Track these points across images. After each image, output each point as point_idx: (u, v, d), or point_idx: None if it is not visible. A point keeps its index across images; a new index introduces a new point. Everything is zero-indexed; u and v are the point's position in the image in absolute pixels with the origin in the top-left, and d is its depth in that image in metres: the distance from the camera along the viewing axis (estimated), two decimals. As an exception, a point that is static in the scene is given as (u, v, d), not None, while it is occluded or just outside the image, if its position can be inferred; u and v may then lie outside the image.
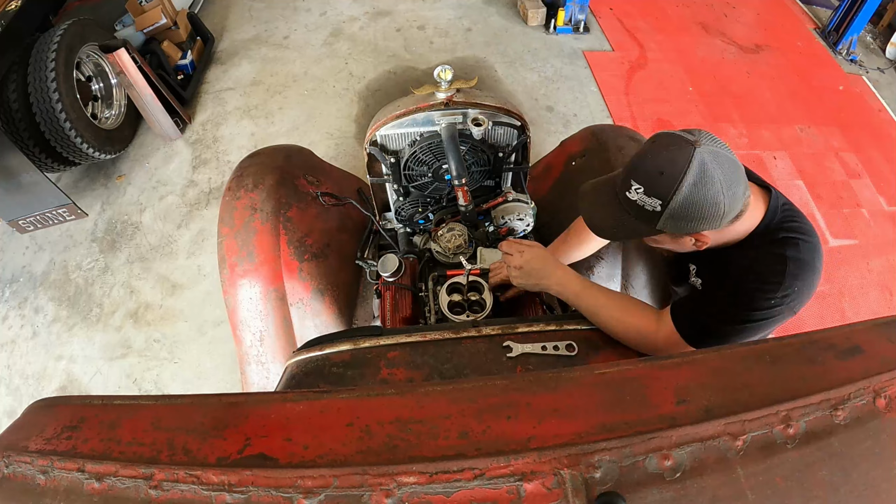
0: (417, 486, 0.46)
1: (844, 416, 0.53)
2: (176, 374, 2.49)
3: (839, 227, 3.13)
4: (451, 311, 1.43)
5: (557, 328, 1.15)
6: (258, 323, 1.56)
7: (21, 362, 2.60)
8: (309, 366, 1.11)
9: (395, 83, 3.75)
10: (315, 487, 0.47)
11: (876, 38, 4.54)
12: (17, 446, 0.57)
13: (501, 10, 4.40)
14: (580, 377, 0.61)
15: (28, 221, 2.71)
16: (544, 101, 3.66)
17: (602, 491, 0.46)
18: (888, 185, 3.40)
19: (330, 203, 1.74)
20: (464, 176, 1.61)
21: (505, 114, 1.66)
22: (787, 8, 4.79)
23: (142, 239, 2.98)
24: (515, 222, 1.71)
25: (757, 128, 3.59)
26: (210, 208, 3.06)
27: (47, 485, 0.52)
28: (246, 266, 1.54)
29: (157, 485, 0.49)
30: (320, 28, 4.24)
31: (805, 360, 0.62)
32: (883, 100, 3.97)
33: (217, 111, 3.62)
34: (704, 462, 0.48)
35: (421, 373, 1.05)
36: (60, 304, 2.77)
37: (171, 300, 2.73)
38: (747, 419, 0.51)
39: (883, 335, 0.66)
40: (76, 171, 3.30)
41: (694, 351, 0.76)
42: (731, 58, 4.15)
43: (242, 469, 0.49)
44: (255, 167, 1.69)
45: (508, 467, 0.47)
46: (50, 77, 2.63)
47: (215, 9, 4.45)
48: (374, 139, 1.71)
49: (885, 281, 2.93)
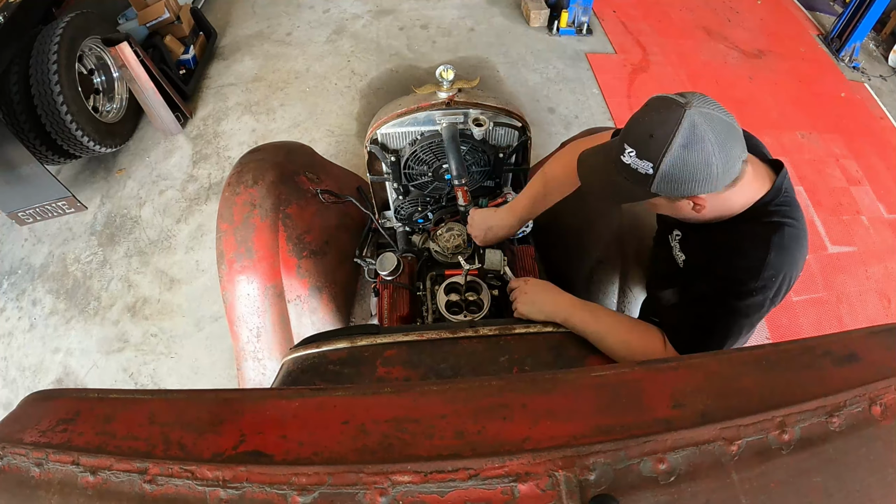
0: (412, 486, 0.46)
1: (840, 423, 0.53)
2: (172, 369, 2.49)
3: (838, 234, 3.13)
4: (448, 310, 1.42)
5: (555, 329, 1.15)
6: (255, 319, 1.55)
7: (18, 354, 2.60)
8: (305, 363, 1.11)
9: (397, 82, 3.75)
10: (309, 485, 0.47)
11: (879, 46, 4.54)
12: (13, 438, 0.57)
13: (505, 11, 4.40)
14: (576, 379, 0.61)
15: (27, 213, 2.71)
16: (546, 103, 3.66)
17: (596, 493, 0.46)
18: (888, 192, 3.40)
19: (329, 201, 1.74)
20: (464, 176, 1.61)
21: (506, 114, 1.66)
22: (791, 14, 4.79)
23: (141, 233, 2.98)
24: (515, 223, 1.71)
25: (758, 133, 3.50)
26: (210, 203, 3.06)
27: (42, 477, 0.52)
28: (244, 262, 1.54)
29: (151, 479, 0.49)
30: (323, 25, 4.24)
31: (801, 367, 0.62)
32: (885, 107, 3.97)
33: (218, 106, 3.62)
34: (699, 466, 0.48)
35: (417, 372, 1.05)
36: (58, 297, 2.77)
37: (169, 295, 2.73)
38: (742, 424, 0.51)
39: (880, 343, 0.66)
40: (76, 163, 3.29)
41: (690, 355, 0.76)
42: (733, 62, 4.15)
43: (237, 465, 0.49)
44: (256, 163, 1.68)
45: (503, 468, 0.47)
46: (52, 69, 2.62)
47: (218, 4, 4.45)
48: (375, 137, 1.71)
49: (884, 288, 2.93)
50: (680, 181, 0.90)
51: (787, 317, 2.75)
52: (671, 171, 0.88)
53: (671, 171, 0.88)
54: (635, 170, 0.92)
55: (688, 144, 0.86)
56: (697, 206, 0.96)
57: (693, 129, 0.85)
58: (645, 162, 0.90)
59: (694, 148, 0.86)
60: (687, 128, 0.85)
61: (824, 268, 2.97)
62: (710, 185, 0.90)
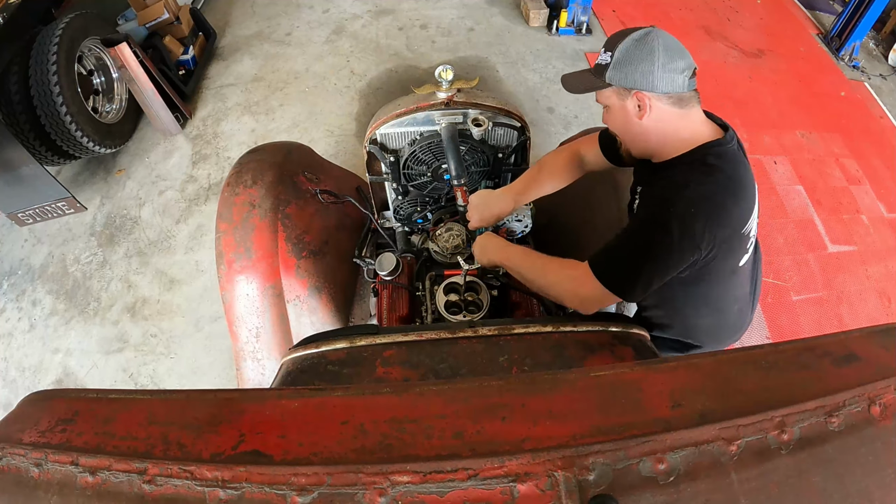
0: (411, 486, 0.46)
1: (839, 423, 0.53)
2: (172, 369, 2.49)
3: (838, 233, 3.13)
4: (447, 310, 1.43)
5: (554, 329, 1.15)
6: (255, 319, 1.55)
7: (18, 355, 2.59)
8: (305, 363, 1.11)
9: (396, 82, 3.75)
10: (309, 485, 0.47)
11: (878, 45, 4.55)
12: (12, 438, 0.57)
13: (504, 11, 4.40)
14: (575, 379, 0.61)
15: (27, 214, 2.70)
16: (545, 103, 3.66)
17: (595, 493, 0.46)
18: (888, 191, 3.40)
19: (329, 201, 1.74)
20: (463, 176, 1.61)
21: (505, 114, 1.66)
22: (791, 13, 4.80)
23: (140, 233, 2.98)
24: (514, 223, 1.71)
25: (758, 132, 3.60)
26: (209, 204, 3.06)
27: (41, 478, 0.52)
28: (243, 262, 1.54)
29: (150, 479, 0.49)
30: (323, 25, 4.24)
31: (800, 367, 0.62)
32: (884, 106, 3.98)
33: (218, 107, 3.62)
34: (698, 467, 0.48)
35: (416, 372, 1.05)
36: (58, 298, 2.77)
37: (169, 295, 2.73)
38: (742, 424, 0.51)
39: (879, 343, 0.66)
40: (76, 164, 3.29)
41: (689, 355, 0.76)
42: (733, 62, 4.15)
43: (236, 465, 0.49)
44: (255, 163, 1.68)
45: (502, 468, 0.47)
46: (51, 70, 2.62)
47: (218, 4, 4.45)
48: (374, 138, 1.71)
49: (884, 287, 2.93)
50: (626, 68, 1.04)
51: (786, 316, 2.75)
52: (622, 56, 1.04)
53: (622, 56, 1.04)
54: (600, 63, 1.09)
55: (640, 39, 1.03)
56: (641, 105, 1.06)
57: (648, 33, 1.03)
58: (607, 54, 1.07)
59: (644, 43, 1.02)
60: (645, 31, 1.03)
61: (824, 267, 2.97)
62: (650, 82, 1.03)
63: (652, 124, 1.07)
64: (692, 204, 1.01)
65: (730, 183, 1.04)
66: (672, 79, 1.03)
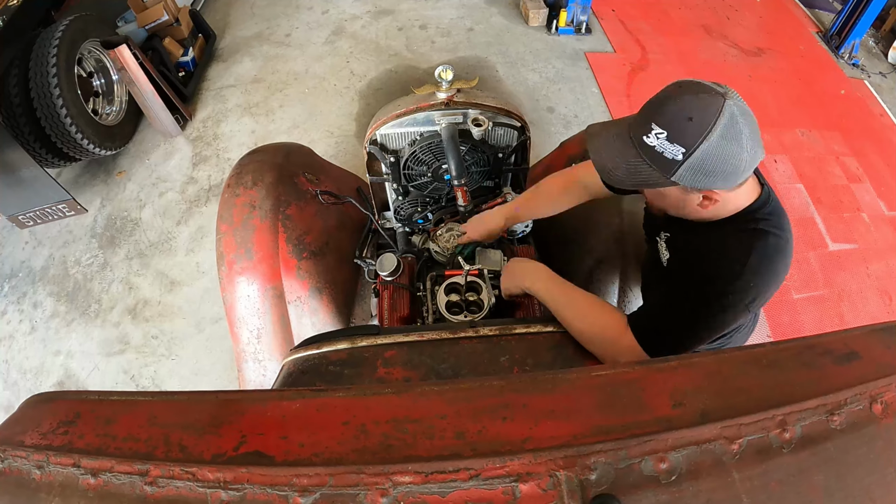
0: (413, 486, 0.46)
1: (840, 421, 0.53)
2: (173, 371, 2.49)
3: (839, 232, 3.13)
4: (448, 311, 1.42)
5: (555, 329, 1.15)
6: (256, 320, 1.55)
7: (19, 357, 2.60)
8: (306, 364, 1.11)
9: (396, 82, 3.75)
10: (310, 486, 0.47)
11: (878, 43, 4.54)
12: (13, 441, 0.57)
13: (503, 11, 4.40)
14: (577, 379, 0.61)
15: (28, 216, 2.70)
16: (545, 102, 3.66)
17: (597, 493, 0.46)
18: (889, 189, 3.40)
19: (329, 201, 1.74)
20: (463, 176, 1.61)
21: (505, 114, 1.66)
22: (790, 11, 4.79)
23: (141, 235, 2.98)
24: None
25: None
26: (209, 205, 3.06)
27: (42, 480, 0.52)
28: (244, 263, 1.54)
29: (152, 481, 0.49)
30: (322, 26, 4.24)
31: (802, 365, 0.62)
32: (884, 104, 3.97)
33: (218, 108, 3.62)
34: (700, 465, 0.48)
35: (418, 372, 1.05)
36: (59, 300, 2.77)
37: (170, 297, 2.73)
38: (743, 423, 0.51)
39: (880, 341, 0.66)
40: (76, 166, 3.30)
41: (690, 354, 0.76)
42: (733, 61, 4.15)
43: (238, 466, 0.49)
44: (255, 164, 1.68)
45: (504, 468, 0.47)
46: (51, 72, 2.63)
47: (217, 6, 4.45)
48: (374, 138, 1.71)
49: (885, 286, 2.93)
50: (707, 172, 0.85)
51: (787, 315, 2.75)
52: (702, 159, 0.84)
53: (702, 159, 0.84)
54: (660, 153, 0.86)
55: (727, 136, 0.82)
56: (706, 201, 0.93)
57: (733, 121, 0.82)
58: (676, 146, 0.84)
59: (731, 140, 0.83)
60: (728, 118, 0.82)
61: (825, 265, 2.96)
62: (730, 182, 0.88)
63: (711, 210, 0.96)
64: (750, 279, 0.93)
65: (783, 245, 0.97)
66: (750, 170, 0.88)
